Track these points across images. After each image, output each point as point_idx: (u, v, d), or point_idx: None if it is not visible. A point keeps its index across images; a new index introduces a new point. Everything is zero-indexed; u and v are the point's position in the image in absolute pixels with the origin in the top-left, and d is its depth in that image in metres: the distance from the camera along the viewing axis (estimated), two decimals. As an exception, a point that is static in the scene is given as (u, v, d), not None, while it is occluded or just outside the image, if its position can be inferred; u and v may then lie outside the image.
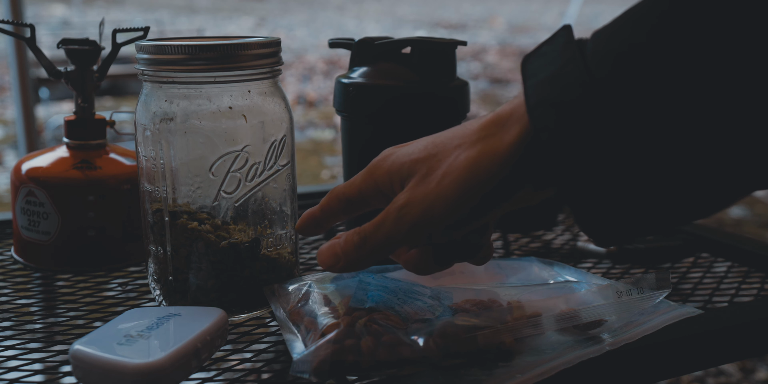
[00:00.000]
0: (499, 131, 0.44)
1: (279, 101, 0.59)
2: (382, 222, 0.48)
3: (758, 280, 0.71)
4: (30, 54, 2.15)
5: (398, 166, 0.48)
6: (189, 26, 9.59)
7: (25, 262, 0.73)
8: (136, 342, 0.48)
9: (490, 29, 10.70)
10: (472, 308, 0.52)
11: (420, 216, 0.46)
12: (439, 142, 0.47)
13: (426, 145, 0.48)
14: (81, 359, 0.47)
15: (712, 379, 1.91)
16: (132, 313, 0.54)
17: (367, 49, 0.69)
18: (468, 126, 0.46)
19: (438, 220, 0.46)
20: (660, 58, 0.37)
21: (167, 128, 0.56)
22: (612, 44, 0.39)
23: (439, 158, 0.46)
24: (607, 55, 0.38)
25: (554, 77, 0.40)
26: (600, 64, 0.39)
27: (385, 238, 0.48)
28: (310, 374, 0.46)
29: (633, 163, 0.38)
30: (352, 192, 0.51)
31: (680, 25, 0.36)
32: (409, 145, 0.50)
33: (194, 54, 0.55)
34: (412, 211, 0.46)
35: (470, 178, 0.44)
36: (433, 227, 0.46)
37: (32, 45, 0.73)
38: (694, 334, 0.55)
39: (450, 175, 0.45)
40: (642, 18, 0.38)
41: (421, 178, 0.46)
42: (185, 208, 0.58)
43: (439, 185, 0.45)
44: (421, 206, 0.46)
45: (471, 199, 0.45)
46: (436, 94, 0.67)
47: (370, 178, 0.50)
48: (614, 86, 0.38)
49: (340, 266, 0.51)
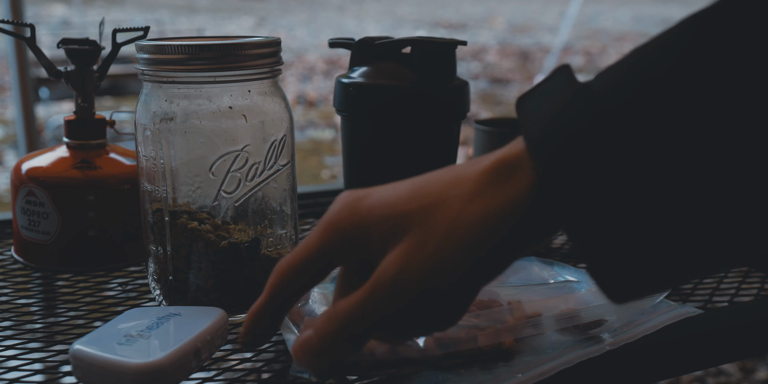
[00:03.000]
0: (505, 181, 0.37)
1: (279, 101, 0.59)
2: (371, 298, 0.38)
3: (758, 280, 0.71)
4: (30, 54, 2.15)
5: (380, 218, 0.39)
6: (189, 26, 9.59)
7: (25, 262, 0.73)
8: (136, 342, 0.48)
9: (490, 29, 10.70)
10: (472, 308, 0.52)
11: (423, 286, 0.37)
12: (431, 190, 0.39)
13: (413, 194, 0.39)
14: (81, 359, 0.47)
15: (712, 379, 1.91)
16: (132, 313, 0.54)
17: (367, 49, 0.69)
18: (461, 174, 0.39)
19: (444, 292, 0.38)
20: (682, 91, 0.33)
21: (167, 128, 0.56)
22: (625, 78, 0.34)
23: (435, 212, 0.38)
24: (621, 87, 0.34)
25: (561, 112, 0.35)
26: (612, 96, 0.34)
27: (379, 316, 0.38)
28: (310, 374, 0.46)
29: (653, 204, 0.33)
30: (312, 254, 0.41)
31: (703, 59, 0.33)
32: (381, 190, 0.41)
33: (194, 54, 0.55)
34: (412, 281, 0.37)
35: (480, 238, 0.37)
36: (434, 302, 0.38)
37: (32, 45, 0.73)
38: (694, 334, 0.55)
39: (453, 237, 0.37)
40: (660, 52, 0.34)
41: (417, 240, 0.37)
42: (185, 208, 0.58)
43: (442, 248, 0.37)
44: (423, 275, 0.37)
45: (482, 263, 0.37)
46: (436, 94, 0.67)
47: (333, 232, 0.40)
48: (630, 118, 0.33)
49: (319, 365, 0.40)
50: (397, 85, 0.66)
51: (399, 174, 0.66)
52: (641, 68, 0.34)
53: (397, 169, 0.66)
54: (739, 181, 0.32)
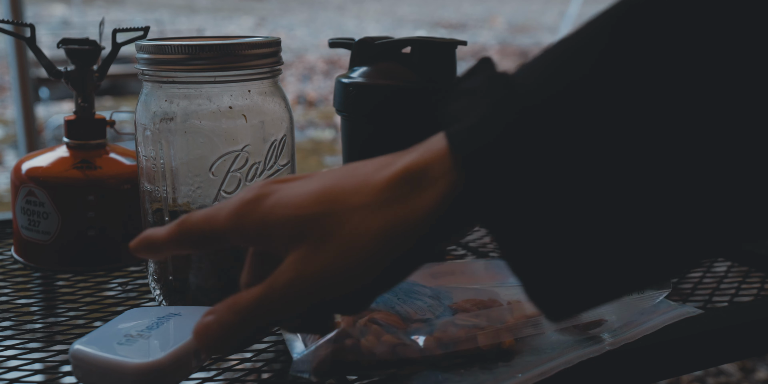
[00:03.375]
0: (411, 193, 0.35)
1: (279, 101, 0.59)
2: (266, 298, 0.38)
3: (758, 280, 0.71)
4: (30, 54, 2.15)
5: (280, 219, 0.38)
6: (189, 26, 9.59)
7: (25, 262, 0.73)
8: (136, 342, 0.48)
9: (490, 29, 10.70)
10: (473, 308, 0.52)
11: (317, 295, 0.37)
12: (334, 196, 0.37)
13: (317, 196, 0.38)
14: (81, 359, 0.47)
15: (712, 379, 1.91)
16: (132, 313, 0.54)
17: (367, 49, 0.69)
18: (368, 178, 0.37)
19: (340, 301, 0.37)
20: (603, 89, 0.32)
21: (167, 128, 0.56)
22: (549, 83, 0.33)
23: (336, 220, 0.36)
24: (546, 94, 0.33)
25: (485, 121, 0.33)
26: (536, 93, 0.33)
27: (270, 318, 0.39)
28: (310, 374, 0.46)
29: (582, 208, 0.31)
30: (210, 230, 0.41)
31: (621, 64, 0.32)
32: (289, 187, 0.39)
33: (194, 54, 0.55)
34: (307, 289, 0.37)
35: (381, 251, 0.36)
36: (332, 309, 0.38)
37: (32, 45, 0.73)
38: (694, 334, 0.55)
39: (353, 249, 0.36)
40: (578, 54, 0.33)
41: (315, 247, 0.37)
42: (185, 208, 0.58)
43: (340, 258, 0.36)
44: (319, 284, 0.37)
45: (382, 275, 0.36)
46: (436, 94, 0.67)
47: (236, 223, 0.39)
48: (556, 117, 0.32)
49: (212, 347, 0.40)
50: (397, 85, 0.66)
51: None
52: (563, 65, 0.33)
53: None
54: (670, 182, 0.31)
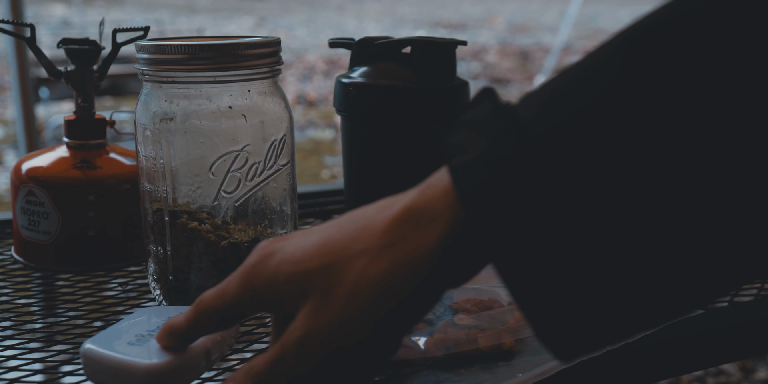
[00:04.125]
0: (413, 233, 0.35)
1: (279, 101, 0.59)
2: (280, 359, 0.38)
3: (758, 280, 0.71)
4: (30, 54, 2.15)
5: (285, 277, 0.38)
6: (189, 26, 9.59)
7: (25, 262, 0.73)
8: (147, 342, 0.48)
9: (490, 29, 10.70)
10: (473, 308, 0.52)
11: (328, 349, 0.37)
12: (335, 246, 0.37)
13: (318, 248, 0.38)
14: (92, 358, 0.47)
15: (712, 379, 1.91)
16: (142, 313, 0.54)
17: (367, 49, 0.69)
18: (369, 223, 0.37)
19: (350, 352, 0.37)
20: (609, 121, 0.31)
21: (167, 128, 0.56)
22: (551, 113, 0.32)
23: (339, 270, 0.37)
24: (547, 125, 0.32)
25: (485, 155, 0.33)
26: (537, 125, 0.32)
27: (288, 377, 0.38)
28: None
29: (588, 243, 0.31)
30: (225, 305, 0.41)
31: (628, 88, 0.31)
32: (292, 243, 0.39)
33: (194, 54, 0.55)
34: (319, 343, 0.37)
35: (384, 297, 0.36)
36: (345, 360, 0.37)
37: (32, 45, 0.73)
38: (694, 334, 0.55)
39: (358, 296, 0.36)
40: (581, 85, 0.33)
41: (321, 300, 0.37)
42: (185, 208, 0.58)
43: (347, 309, 0.36)
44: (330, 336, 0.37)
45: (387, 321, 0.36)
46: (436, 94, 0.67)
47: (247, 288, 0.40)
48: (556, 162, 0.31)
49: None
50: (396, 85, 0.66)
51: (399, 174, 0.66)
52: (565, 95, 0.33)
53: (396, 169, 0.66)
54: (683, 217, 0.30)
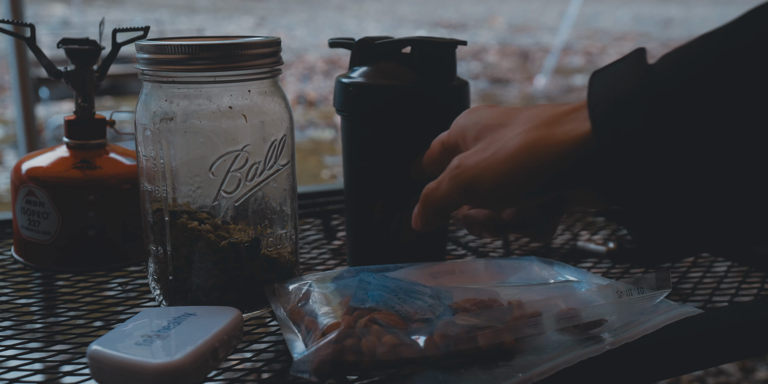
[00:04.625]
0: (567, 122, 0.43)
1: (279, 101, 0.59)
2: (440, 181, 0.49)
3: (758, 279, 0.71)
4: (30, 54, 2.15)
5: (473, 125, 0.49)
6: (189, 26, 9.59)
7: (25, 262, 0.73)
8: (154, 342, 0.48)
9: (490, 29, 10.70)
10: (473, 308, 0.52)
11: (469, 182, 0.47)
12: (514, 115, 0.47)
13: (504, 114, 0.48)
14: (99, 359, 0.47)
15: (712, 379, 1.91)
16: (147, 313, 0.54)
17: (367, 49, 0.69)
18: (546, 108, 0.46)
19: (485, 190, 0.46)
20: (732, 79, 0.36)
21: (167, 128, 0.56)
22: (685, 61, 0.38)
23: (505, 131, 0.46)
24: (680, 71, 0.38)
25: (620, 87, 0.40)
26: (669, 80, 0.38)
27: (440, 198, 0.50)
28: (310, 374, 0.46)
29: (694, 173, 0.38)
30: (447, 137, 0.53)
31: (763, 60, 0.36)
32: (493, 108, 0.50)
33: (194, 54, 0.55)
34: (462, 176, 0.47)
35: (521, 160, 0.44)
36: (482, 196, 0.47)
37: (32, 45, 0.73)
38: (694, 334, 0.56)
39: (503, 151, 0.45)
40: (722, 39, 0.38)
41: (482, 145, 0.47)
42: (185, 208, 0.58)
43: (492, 157, 0.46)
44: (471, 173, 0.47)
45: (518, 179, 0.44)
46: (436, 94, 0.67)
47: (453, 127, 0.52)
48: (680, 110, 0.37)
49: (415, 225, 0.53)
50: (397, 85, 0.66)
51: (399, 174, 0.66)
52: (699, 53, 0.38)
53: (397, 169, 0.66)
54: None
